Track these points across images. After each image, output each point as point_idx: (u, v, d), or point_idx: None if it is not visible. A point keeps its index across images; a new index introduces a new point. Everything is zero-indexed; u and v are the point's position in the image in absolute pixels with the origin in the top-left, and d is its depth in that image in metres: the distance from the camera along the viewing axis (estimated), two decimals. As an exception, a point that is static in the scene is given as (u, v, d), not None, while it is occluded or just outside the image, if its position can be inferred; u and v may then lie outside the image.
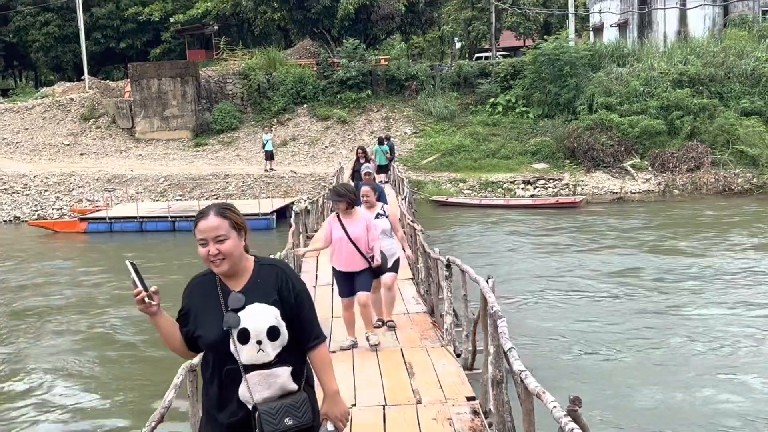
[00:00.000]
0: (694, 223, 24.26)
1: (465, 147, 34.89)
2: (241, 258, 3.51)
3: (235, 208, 3.59)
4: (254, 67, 41.37)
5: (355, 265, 8.45)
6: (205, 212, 3.53)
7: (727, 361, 11.64)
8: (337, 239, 8.45)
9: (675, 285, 16.48)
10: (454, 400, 6.72)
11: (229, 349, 3.39)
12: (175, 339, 3.55)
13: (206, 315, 3.47)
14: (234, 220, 3.51)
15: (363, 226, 8.43)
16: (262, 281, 3.50)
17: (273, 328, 3.41)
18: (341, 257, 8.49)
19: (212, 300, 3.49)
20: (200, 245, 3.47)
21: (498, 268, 18.66)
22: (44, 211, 30.81)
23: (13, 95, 53.31)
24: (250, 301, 3.44)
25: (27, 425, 10.39)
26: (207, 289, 3.54)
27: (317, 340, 3.59)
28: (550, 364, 11.54)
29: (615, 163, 32.41)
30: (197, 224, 3.50)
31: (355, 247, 8.37)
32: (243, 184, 32.03)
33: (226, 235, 3.44)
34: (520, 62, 39.88)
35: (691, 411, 9.87)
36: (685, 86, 34.12)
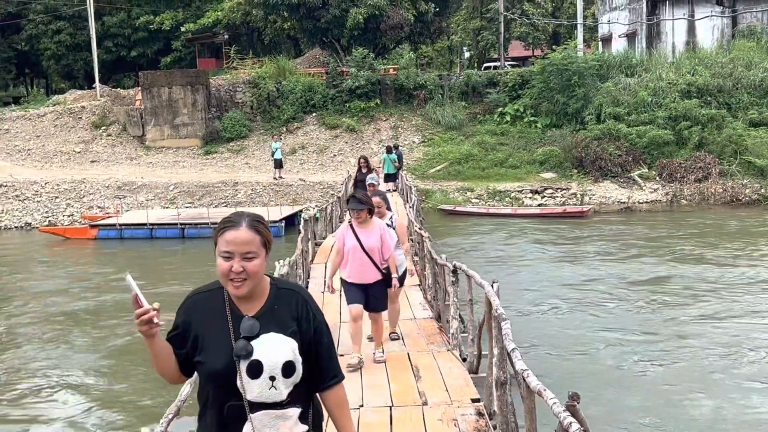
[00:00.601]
0: (702, 233, 24.32)
1: (473, 156, 35.06)
2: (262, 278, 3.11)
3: (267, 223, 3.16)
4: (264, 75, 41.67)
5: (369, 276, 8.09)
6: (235, 221, 3.04)
7: (730, 369, 11.74)
8: (351, 249, 8.08)
9: (685, 293, 16.57)
10: (459, 401, 6.87)
11: (236, 382, 2.97)
12: (170, 362, 3.09)
13: (211, 339, 3.03)
14: (266, 237, 3.08)
15: (377, 236, 8.08)
16: (280, 308, 3.09)
17: (289, 364, 3.00)
18: (354, 268, 8.12)
19: (219, 323, 3.05)
20: (223, 258, 3.01)
21: (505, 276, 18.78)
22: (55, 218, 31.08)
23: (25, 103, 53.76)
24: (266, 329, 3.02)
25: (41, 426, 10.58)
26: (213, 309, 3.10)
27: (335, 380, 3.20)
28: (557, 370, 11.66)
29: (623, 173, 32.49)
30: (224, 233, 3.02)
31: (369, 258, 8.02)
32: (252, 192, 32.24)
33: (256, 252, 3.01)
34: (529, 72, 40.06)
35: (698, 418, 9.97)
36: (694, 97, 34.21)
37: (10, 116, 43.47)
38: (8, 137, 41.13)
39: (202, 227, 26.79)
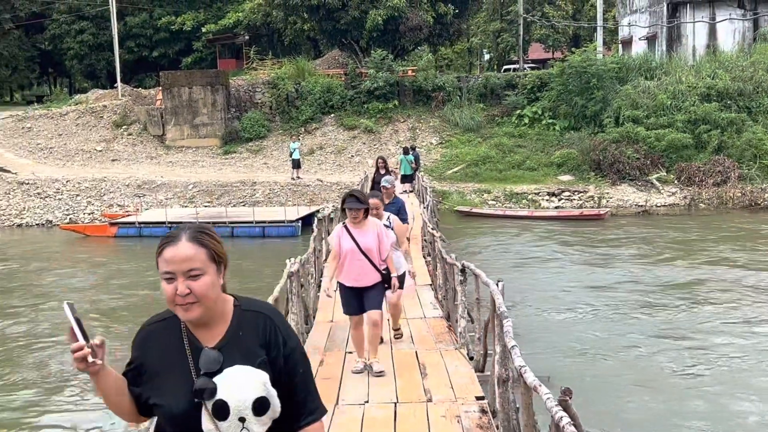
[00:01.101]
0: (721, 237, 24.23)
1: (490, 158, 35.09)
2: (218, 301, 2.67)
3: (215, 233, 2.73)
4: (283, 76, 41.90)
5: (367, 278, 7.78)
6: (174, 236, 2.64)
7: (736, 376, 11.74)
8: (347, 251, 7.75)
9: (699, 297, 16.55)
10: (463, 399, 6.96)
11: (200, 426, 2.55)
12: (122, 401, 2.67)
13: (168, 378, 2.61)
14: (214, 250, 2.65)
15: (374, 236, 7.78)
16: (245, 334, 2.65)
17: (261, 400, 2.57)
18: (352, 271, 7.77)
19: (176, 357, 2.62)
20: (164, 280, 2.60)
21: (519, 277, 18.85)
22: (76, 216, 31.42)
23: (48, 102, 54.34)
24: (230, 361, 2.59)
25: (52, 418, 10.79)
26: (169, 341, 2.66)
27: (312, 417, 2.74)
28: (567, 369, 11.71)
29: (641, 176, 32.40)
30: (162, 251, 2.62)
31: (368, 259, 7.71)
32: (270, 192, 32.44)
33: (201, 269, 2.60)
34: (547, 74, 40.03)
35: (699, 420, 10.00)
36: (713, 100, 34.05)
37: (33, 115, 43.98)
38: (31, 135, 41.61)
39: (220, 226, 26.98)
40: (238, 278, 20.08)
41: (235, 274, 20.38)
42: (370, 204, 8.39)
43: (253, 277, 19.45)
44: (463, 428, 6.20)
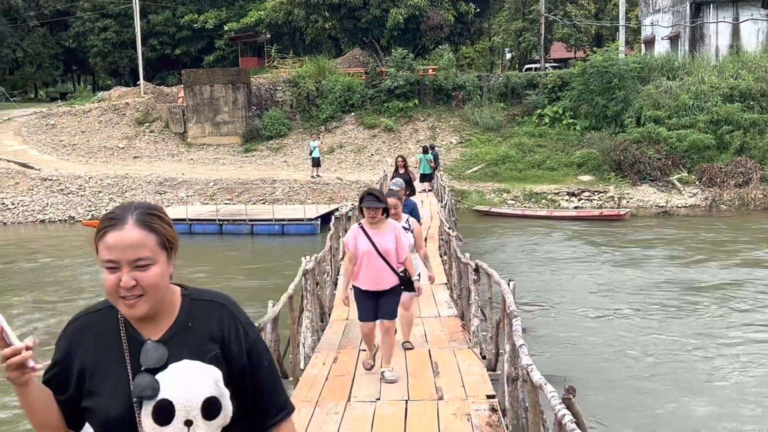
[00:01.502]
0: (740, 239, 24.06)
1: (510, 157, 35.02)
2: (167, 291, 2.33)
3: (166, 214, 2.34)
4: (304, 75, 42.03)
5: (385, 282, 7.47)
6: (118, 218, 2.23)
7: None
8: (364, 253, 7.42)
9: (721, 298, 16.46)
10: (474, 397, 6.99)
11: (140, 431, 2.21)
12: (50, 414, 2.28)
13: (103, 377, 2.26)
14: (165, 235, 2.28)
15: (392, 237, 7.48)
16: (196, 326, 2.31)
17: (212, 401, 2.23)
18: (369, 274, 7.45)
19: (113, 353, 2.27)
20: (107, 269, 2.21)
21: (538, 278, 18.85)
22: (98, 212, 31.69)
23: (72, 99, 54.82)
24: (177, 356, 2.25)
25: None
26: (104, 335, 2.30)
27: (283, 413, 2.44)
28: (585, 371, 11.70)
29: (661, 176, 32.22)
30: (104, 235, 2.21)
31: (385, 262, 7.40)
32: (290, 190, 32.58)
33: (151, 257, 2.22)
34: (569, 74, 39.86)
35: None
36: (736, 101, 33.80)
37: (57, 112, 44.42)
38: (54, 132, 42.03)
39: (240, 224, 27.20)
40: (256, 275, 20.23)
41: (253, 272, 20.56)
42: (389, 204, 8.11)
43: (271, 274, 19.57)
44: (473, 426, 6.23)
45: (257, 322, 6.82)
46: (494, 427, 6.16)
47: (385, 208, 7.50)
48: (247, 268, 21.70)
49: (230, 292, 8.41)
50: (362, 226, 7.56)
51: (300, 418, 6.63)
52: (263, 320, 7.14)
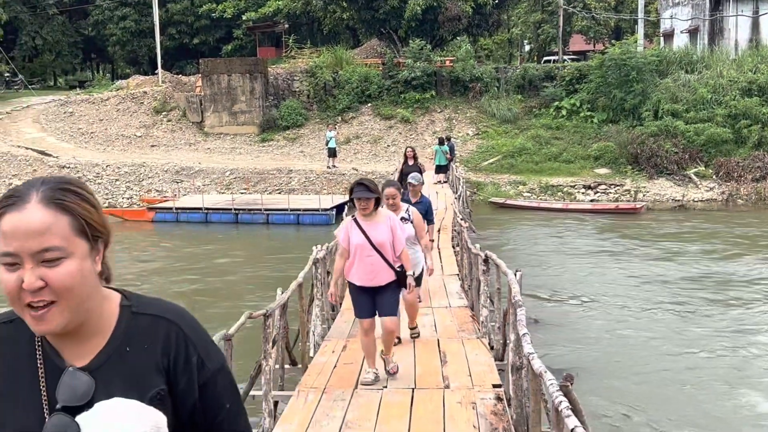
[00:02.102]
0: (754, 235, 23.93)
1: (527, 150, 34.94)
2: (93, 298, 1.72)
3: (88, 190, 1.75)
4: (321, 65, 42.07)
5: (380, 277, 7.07)
6: (20, 195, 1.65)
7: None
8: (357, 247, 7.04)
9: (730, 295, 16.42)
10: (480, 386, 7.05)
11: None
12: None
13: (7, 411, 1.69)
14: (83, 216, 1.69)
15: (387, 229, 7.06)
16: (135, 351, 1.74)
17: None
18: (363, 269, 7.06)
19: (23, 379, 1.71)
20: (4, 266, 1.63)
21: (552, 270, 18.85)
22: (114, 200, 31.95)
23: (90, 87, 55.15)
24: (106, 391, 1.67)
25: None
26: (14, 355, 1.73)
27: None
28: (591, 364, 11.73)
29: (678, 170, 32.06)
30: (0, 219, 1.63)
31: (380, 256, 7.00)
32: (306, 180, 32.68)
33: (62, 248, 1.63)
34: (587, 66, 39.68)
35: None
36: (755, 95, 33.57)
37: (75, 99, 44.72)
38: (72, 120, 42.32)
39: (256, 213, 27.34)
40: (271, 265, 20.35)
41: (268, 261, 20.69)
42: (385, 193, 7.97)
43: (285, 264, 19.68)
44: (478, 415, 6.29)
45: (265, 309, 6.91)
46: (499, 416, 6.22)
47: (377, 198, 7.08)
48: (261, 258, 21.83)
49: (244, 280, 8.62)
50: (356, 218, 7.16)
51: (307, 404, 6.72)
52: (271, 307, 7.22)
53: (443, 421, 6.18)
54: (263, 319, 6.94)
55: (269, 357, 6.97)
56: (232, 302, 15.96)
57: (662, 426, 9.57)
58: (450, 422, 6.16)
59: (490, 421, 6.11)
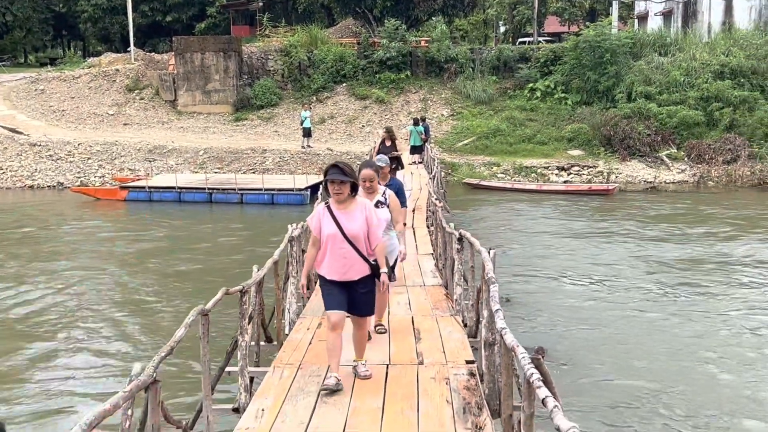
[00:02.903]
0: (722, 216, 24.25)
1: (501, 131, 35.08)
2: None
3: None
4: (296, 44, 41.88)
5: (353, 271, 6.50)
6: None
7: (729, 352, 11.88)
8: (329, 237, 6.46)
9: (695, 274, 16.66)
10: (453, 362, 7.13)
11: None
12: None
13: None
14: None
15: (362, 220, 6.49)
16: None
17: None
18: (335, 262, 6.49)
19: None
20: None
21: (524, 250, 19.01)
22: (87, 179, 31.66)
23: (61, 64, 54.46)
24: None
25: (52, 363, 11.25)
26: None
27: None
28: (563, 342, 11.89)
29: (651, 152, 32.37)
30: None
31: (353, 248, 6.45)
32: (280, 160, 32.57)
33: None
34: (561, 48, 39.85)
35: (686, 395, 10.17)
36: (727, 78, 33.91)
37: (46, 77, 44.15)
38: (44, 98, 41.80)
39: (229, 193, 27.24)
40: (246, 243, 20.33)
41: (242, 239, 20.65)
42: (362, 176, 7.47)
43: (259, 243, 19.67)
44: (451, 389, 6.37)
45: (242, 285, 6.94)
46: (471, 391, 6.31)
47: (353, 183, 6.46)
48: (235, 237, 21.79)
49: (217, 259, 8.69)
50: (329, 205, 6.57)
51: (282, 380, 6.77)
52: (247, 283, 7.25)
53: (417, 396, 6.25)
54: (239, 296, 6.96)
55: (245, 333, 7.00)
56: (205, 281, 15.95)
57: (631, 399, 9.74)
58: (424, 397, 6.24)
59: (463, 396, 6.19)
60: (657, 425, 9.08)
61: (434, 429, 5.57)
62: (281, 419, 5.86)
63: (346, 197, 6.44)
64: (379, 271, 6.57)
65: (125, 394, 3.60)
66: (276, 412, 6.00)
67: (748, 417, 9.36)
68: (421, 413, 5.89)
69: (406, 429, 5.59)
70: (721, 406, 9.61)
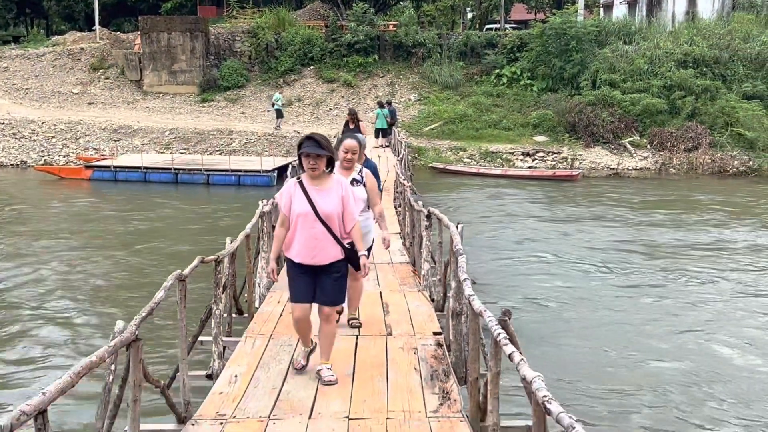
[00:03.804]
0: (684, 201, 24.77)
1: (467, 116, 35.35)
2: None
3: None
4: (263, 26, 41.72)
5: (325, 254, 5.91)
6: None
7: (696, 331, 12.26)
8: (300, 216, 5.89)
9: (655, 257, 17.08)
10: (421, 334, 7.35)
11: None
12: None
13: None
14: None
15: (337, 198, 5.93)
16: None
17: None
18: (304, 243, 5.89)
19: None
20: None
21: (486, 233, 19.30)
22: (50, 158, 31.39)
23: (25, 43, 53.62)
24: None
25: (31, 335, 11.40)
26: None
27: None
28: (525, 323, 12.17)
29: (614, 139, 32.85)
30: None
31: (326, 228, 5.88)
32: (247, 142, 32.54)
33: None
34: (527, 35, 40.18)
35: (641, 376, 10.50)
36: (689, 67, 34.45)
37: (9, 55, 43.52)
38: (7, 75, 41.23)
39: (195, 173, 27.20)
40: (211, 224, 20.37)
41: (207, 220, 20.69)
42: (345, 146, 7.05)
43: (226, 220, 19.74)
44: (419, 359, 6.58)
45: (216, 255, 7.07)
46: (439, 359, 6.52)
47: (330, 158, 5.91)
48: (202, 216, 21.81)
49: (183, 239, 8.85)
50: (301, 181, 5.98)
51: (255, 349, 6.93)
52: (222, 253, 7.38)
53: (386, 365, 6.45)
54: (214, 265, 7.09)
55: (219, 301, 7.14)
56: (176, 257, 15.99)
57: (593, 371, 10.05)
58: (392, 365, 6.43)
59: (431, 364, 6.41)
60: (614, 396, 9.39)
61: (403, 395, 5.77)
62: (254, 385, 6.02)
63: (322, 173, 5.87)
64: (355, 255, 6.00)
65: (110, 348, 3.74)
66: (249, 378, 6.16)
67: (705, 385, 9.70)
68: (390, 380, 6.09)
69: (375, 395, 5.79)
70: (664, 371, 9.96)
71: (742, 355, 10.99)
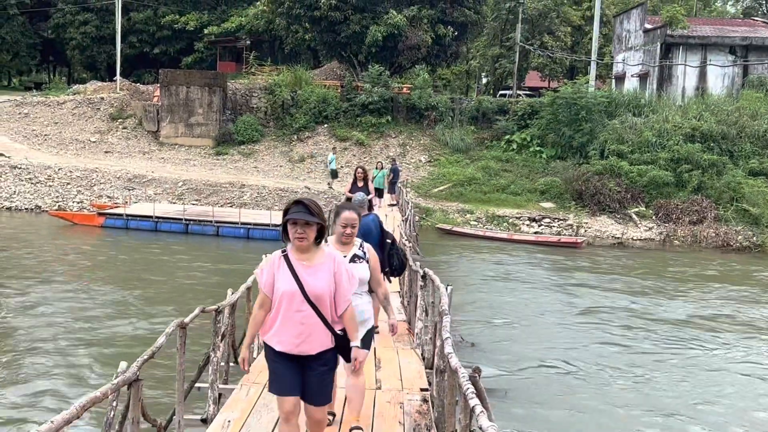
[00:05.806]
0: (687, 275, 25.01)
1: (476, 180, 35.89)
2: None
3: None
4: (280, 83, 42.68)
5: (312, 343, 4.98)
6: None
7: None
8: (285, 296, 4.94)
9: (655, 329, 17.29)
10: (409, 389, 7.66)
11: None
12: None
13: None
14: None
15: (329, 277, 5.01)
16: None
17: None
18: (288, 329, 4.94)
19: None
20: None
21: (489, 296, 19.58)
22: (65, 203, 31.97)
23: (46, 89, 54.88)
24: None
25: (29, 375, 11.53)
26: None
27: None
28: (523, 386, 12.40)
29: (620, 209, 33.23)
30: None
31: (315, 312, 4.95)
32: (258, 195, 33.08)
33: None
34: (539, 103, 40.93)
35: None
36: (697, 141, 34.93)
37: (31, 101, 44.58)
38: (27, 121, 42.18)
39: (206, 224, 27.66)
40: (218, 274, 20.74)
41: (214, 271, 21.06)
42: (343, 219, 6.06)
43: (232, 274, 20.10)
44: (404, 413, 6.88)
45: (217, 305, 7.43)
46: (423, 414, 6.82)
47: (320, 225, 4.96)
48: (208, 267, 22.19)
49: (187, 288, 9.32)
50: (287, 255, 5.02)
51: (249, 396, 7.24)
52: (222, 304, 7.74)
53: (372, 417, 6.75)
54: (214, 314, 7.44)
55: (217, 349, 7.48)
56: (179, 303, 16.33)
57: None
58: (378, 419, 6.73)
59: (414, 419, 6.71)
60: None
61: (386, 446, 6.06)
62: (245, 430, 6.32)
63: (310, 245, 4.96)
64: (347, 344, 5.09)
65: (113, 386, 4.07)
66: (241, 424, 6.47)
67: None
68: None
69: (359, 445, 6.07)
70: None
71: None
